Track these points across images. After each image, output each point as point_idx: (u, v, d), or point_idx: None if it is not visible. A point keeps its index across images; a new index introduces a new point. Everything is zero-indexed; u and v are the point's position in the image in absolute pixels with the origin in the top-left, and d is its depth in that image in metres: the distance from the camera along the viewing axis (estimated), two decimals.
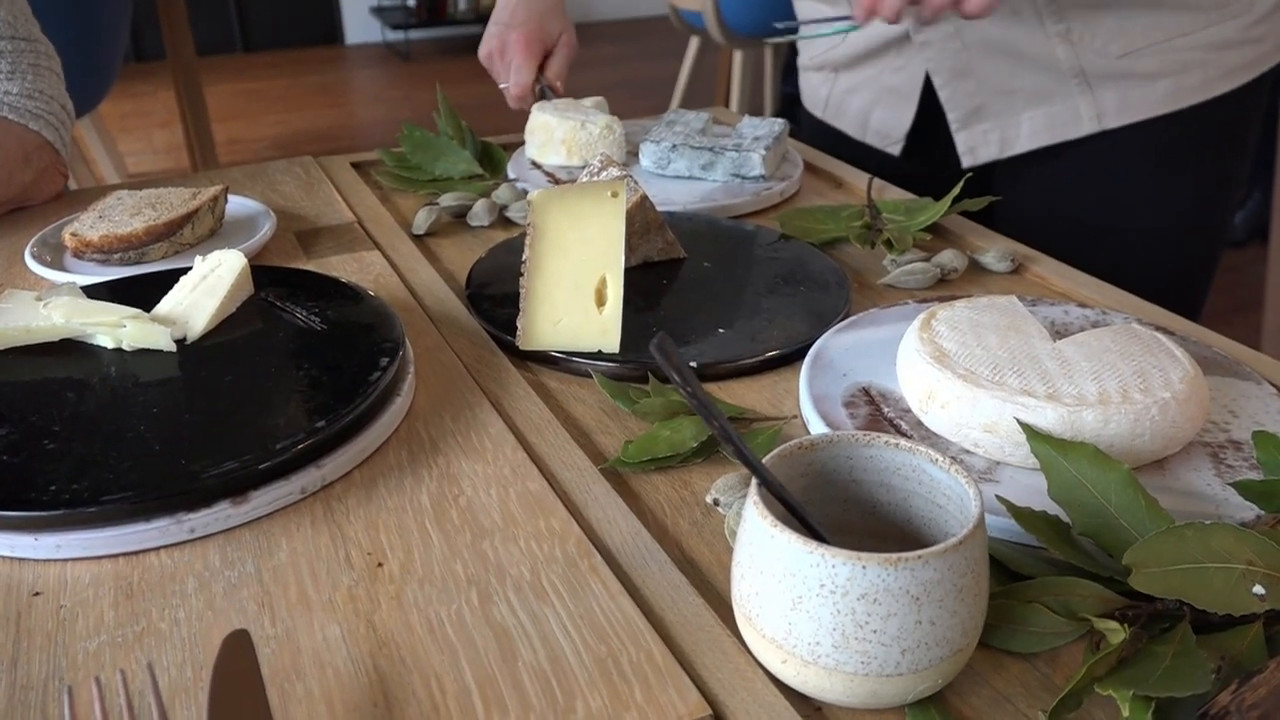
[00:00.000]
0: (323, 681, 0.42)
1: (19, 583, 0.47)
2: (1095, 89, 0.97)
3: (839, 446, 0.44)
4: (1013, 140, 1.00)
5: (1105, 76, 0.96)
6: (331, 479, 0.53)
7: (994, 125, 1.01)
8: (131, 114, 3.91)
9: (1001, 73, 0.99)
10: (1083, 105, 0.97)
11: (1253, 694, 0.36)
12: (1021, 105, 0.99)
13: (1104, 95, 0.97)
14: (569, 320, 0.65)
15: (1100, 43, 0.95)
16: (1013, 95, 1.00)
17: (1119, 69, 0.96)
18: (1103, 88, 0.97)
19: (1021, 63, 0.98)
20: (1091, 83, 0.97)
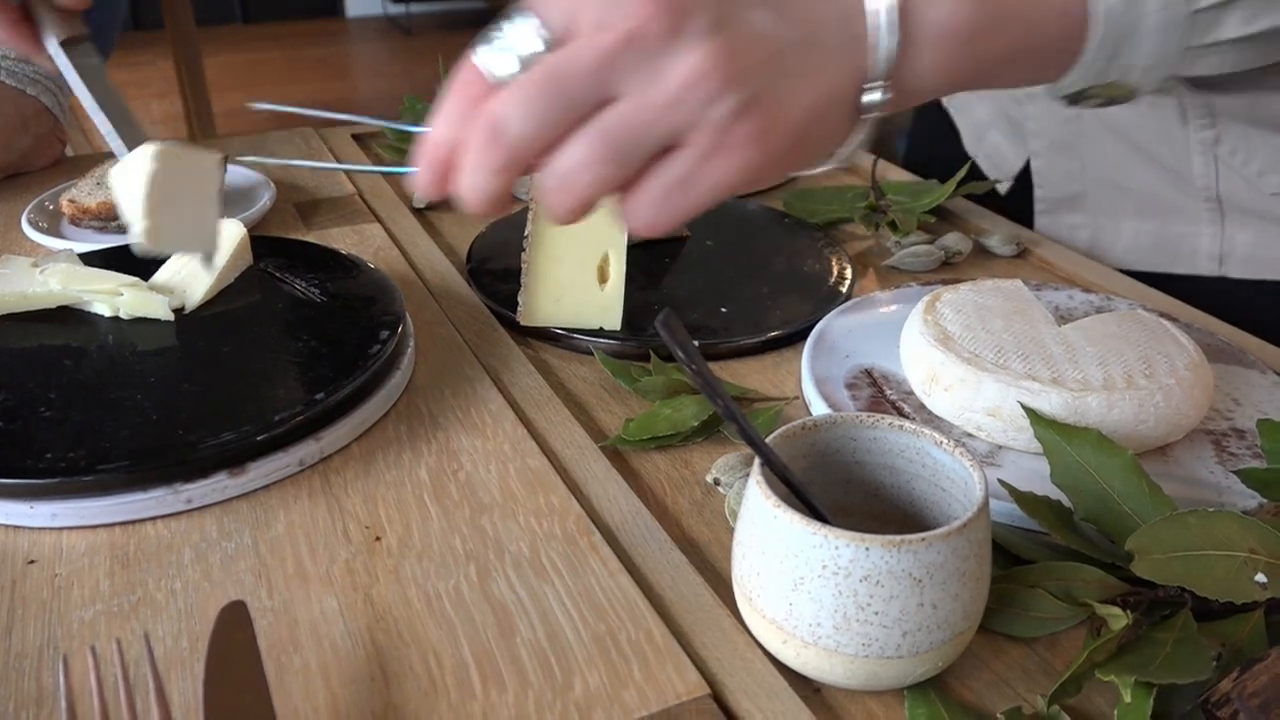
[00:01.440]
0: (320, 654, 0.41)
1: (14, 551, 0.47)
2: (1228, 222, 0.75)
3: (842, 427, 0.44)
4: (1106, 248, 0.82)
5: (1247, 212, 0.74)
6: (330, 452, 0.53)
7: (1087, 222, 0.83)
8: (129, 84, 3.89)
9: (1115, 162, 0.79)
10: (1206, 237, 0.77)
11: (1254, 682, 0.36)
12: (1129, 210, 0.80)
13: (1237, 234, 0.76)
14: (571, 297, 0.65)
15: (1256, 168, 0.72)
16: (1121, 195, 0.80)
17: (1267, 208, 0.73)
18: (1239, 224, 0.75)
19: (1144, 160, 0.78)
20: (1226, 213, 0.75)
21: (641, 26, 0.35)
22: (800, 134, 0.38)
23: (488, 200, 0.39)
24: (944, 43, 0.39)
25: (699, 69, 0.35)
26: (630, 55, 0.36)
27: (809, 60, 0.37)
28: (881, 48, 0.38)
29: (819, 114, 0.38)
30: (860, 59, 0.38)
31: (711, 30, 0.35)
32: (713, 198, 0.38)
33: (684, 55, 0.35)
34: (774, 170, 0.39)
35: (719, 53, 0.35)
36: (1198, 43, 0.40)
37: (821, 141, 0.39)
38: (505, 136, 0.36)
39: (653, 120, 0.36)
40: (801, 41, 0.37)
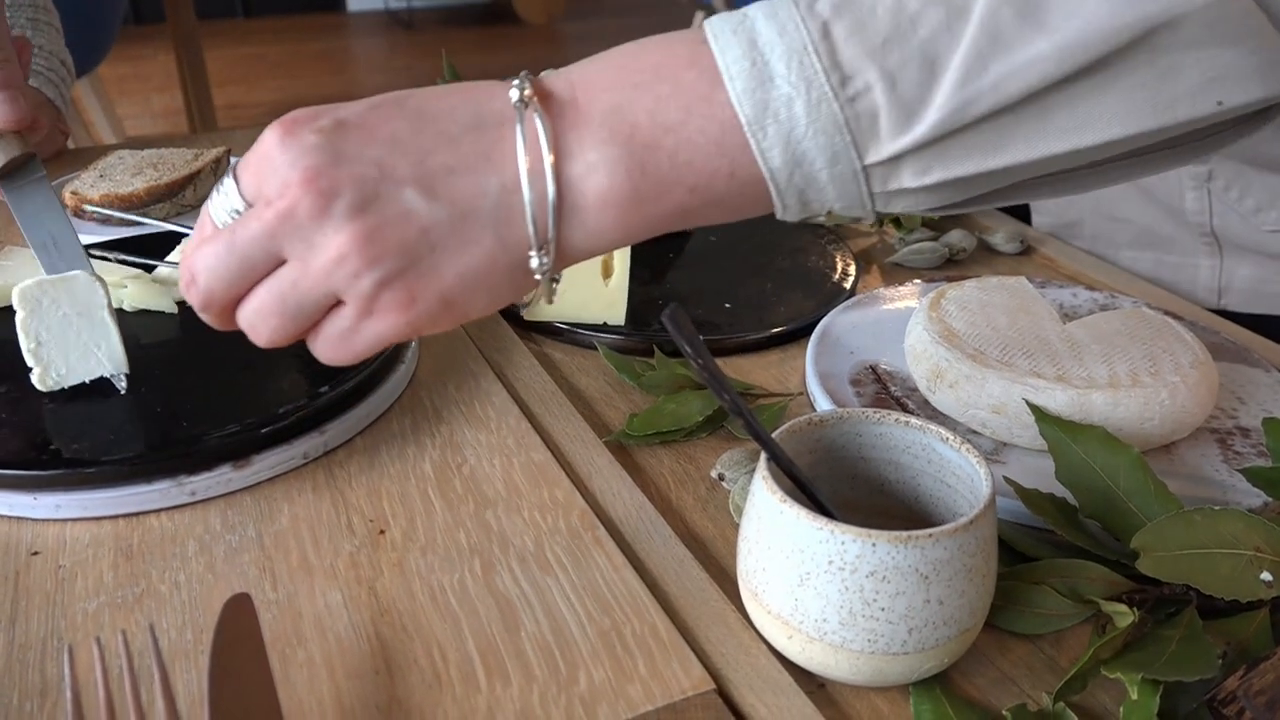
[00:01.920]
0: (324, 647, 0.41)
1: (17, 542, 0.47)
2: (1227, 257, 0.74)
3: (848, 423, 0.44)
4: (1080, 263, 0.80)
5: (1245, 248, 0.73)
6: (334, 445, 0.53)
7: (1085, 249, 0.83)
8: (130, 77, 3.88)
9: (1109, 193, 0.78)
10: (1205, 270, 0.76)
11: (1260, 680, 0.36)
12: (1125, 240, 0.79)
13: (1236, 269, 0.74)
14: (574, 291, 0.64)
15: (1252, 204, 0.71)
16: (1117, 225, 0.79)
17: (1265, 245, 0.72)
18: (1238, 259, 0.74)
19: (1138, 192, 0.77)
20: (1224, 248, 0.74)
21: (293, 205, 0.38)
22: (455, 297, 0.40)
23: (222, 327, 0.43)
24: (606, 211, 0.39)
25: (341, 250, 0.39)
26: (289, 229, 0.39)
27: (459, 234, 0.39)
28: (535, 222, 0.39)
29: (474, 280, 0.40)
30: (519, 230, 0.39)
31: (355, 212, 0.38)
32: (376, 347, 0.42)
33: (331, 235, 0.39)
34: (434, 327, 0.41)
35: (359, 235, 0.38)
36: (882, 190, 0.39)
37: (491, 297, 0.41)
38: (196, 287, 0.42)
39: (309, 287, 0.40)
40: (451, 218, 0.39)
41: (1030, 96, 0.36)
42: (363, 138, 0.39)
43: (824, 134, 0.37)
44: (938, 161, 0.37)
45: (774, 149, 0.37)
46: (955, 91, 0.36)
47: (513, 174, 0.39)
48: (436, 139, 0.39)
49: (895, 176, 0.38)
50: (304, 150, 0.39)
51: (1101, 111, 0.36)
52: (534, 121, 0.39)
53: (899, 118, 0.37)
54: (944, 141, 0.37)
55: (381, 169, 0.39)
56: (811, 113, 0.37)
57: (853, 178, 0.38)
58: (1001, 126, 0.37)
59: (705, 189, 0.39)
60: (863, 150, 0.37)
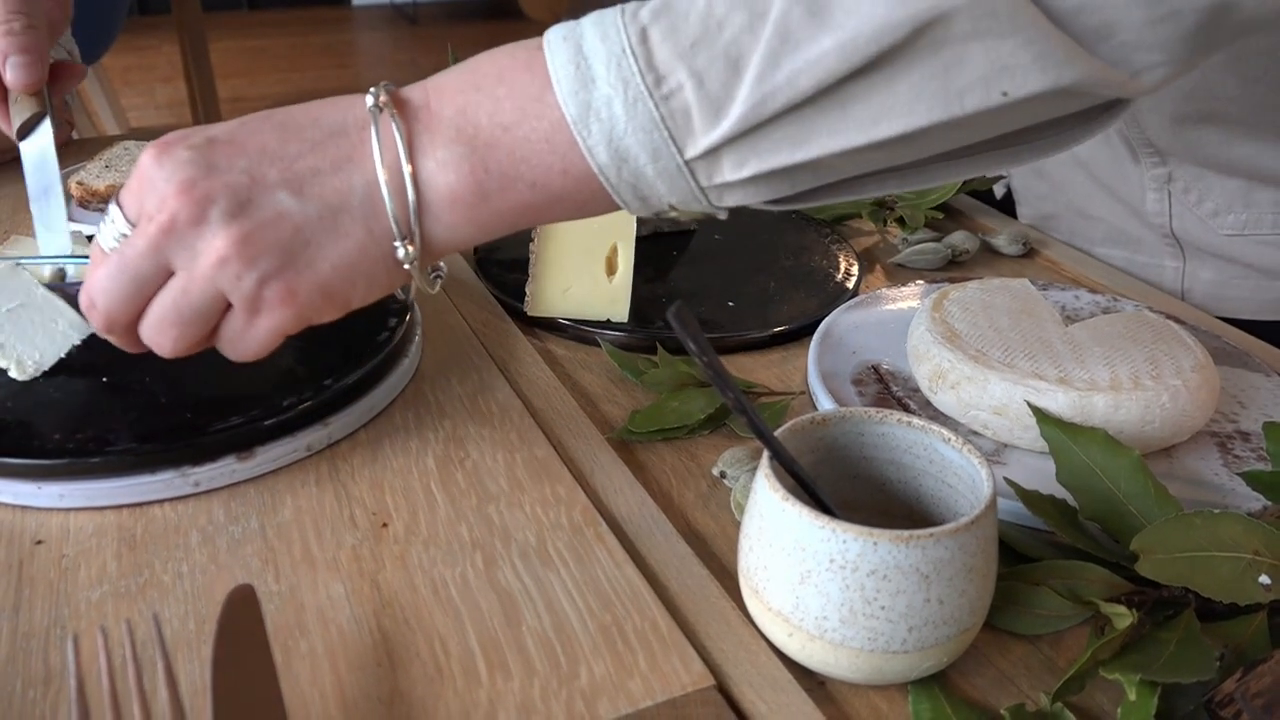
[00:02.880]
0: (326, 639, 0.42)
1: (21, 531, 0.47)
2: (1189, 259, 0.76)
3: (851, 423, 0.44)
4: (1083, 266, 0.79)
5: (1205, 251, 0.75)
6: (337, 438, 0.53)
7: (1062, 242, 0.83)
8: (134, 67, 3.88)
9: (1080, 191, 0.81)
10: (1169, 271, 0.77)
11: (1258, 682, 0.36)
12: (1098, 238, 0.81)
13: (1199, 271, 0.76)
14: (578, 288, 0.65)
15: (1210, 207, 0.73)
16: (1089, 223, 0.81)
17: (1223, 248, 0.74)
18: (1199, 262, 0.76)
19: (1104, 192, 0.79)
20: (1185, 251, 0.75)
21: (173, 217, 0.42)
22: (333, 288, 0.44)
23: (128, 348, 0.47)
24: (455, 206, 0.43)
25: (221, 253, 0.42)
26: (171, 240, 0.42)
27: (331, 230, 0.43)
28: (395, 215, 0.42)
29: (349, 271, 0.43)
30: (384, 223, 0.43)
31: (230, 217, 0.42)
32: (272, 341, 0.45)
33: (210, 240, 0.42)
34: (320, 316, 0.45)
35: (236, 237, 0.42)
36: (709, 184, 0.41)
37: (369, 286, 0.45)
38: (96, 311, 0.45)
39: (199, 292, 0.43)
40: (322, 215, 0.42)
41: (824, 91, 0.38)
42: (232, 151, 0.43)
43: (643, 131, 0.40)
44: (751, 154, 0.40)
45: (599, 146, 0.40)
46: (755, 87, 0.38)
47: (373, 172, 0.42)
48: (301, 146, 0.43)
49: (717, 170, 0.41)
50: (178, 165, 0.42)
51: (894, 104, 0.38)
52: (389, 124, 0.42)
53: (708, 113, 0.39)
54: (752, 135, 0.40)
55: (252, 176, 0.42)
56: (629, 111, 0.39)
57: (677, 172, 0.41)
58: (803, 120, 0.39)
59: (544, 185, 0.42)
60: (681, 145, 0.40)
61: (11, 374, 0.53)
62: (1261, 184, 0.71)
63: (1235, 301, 0.75)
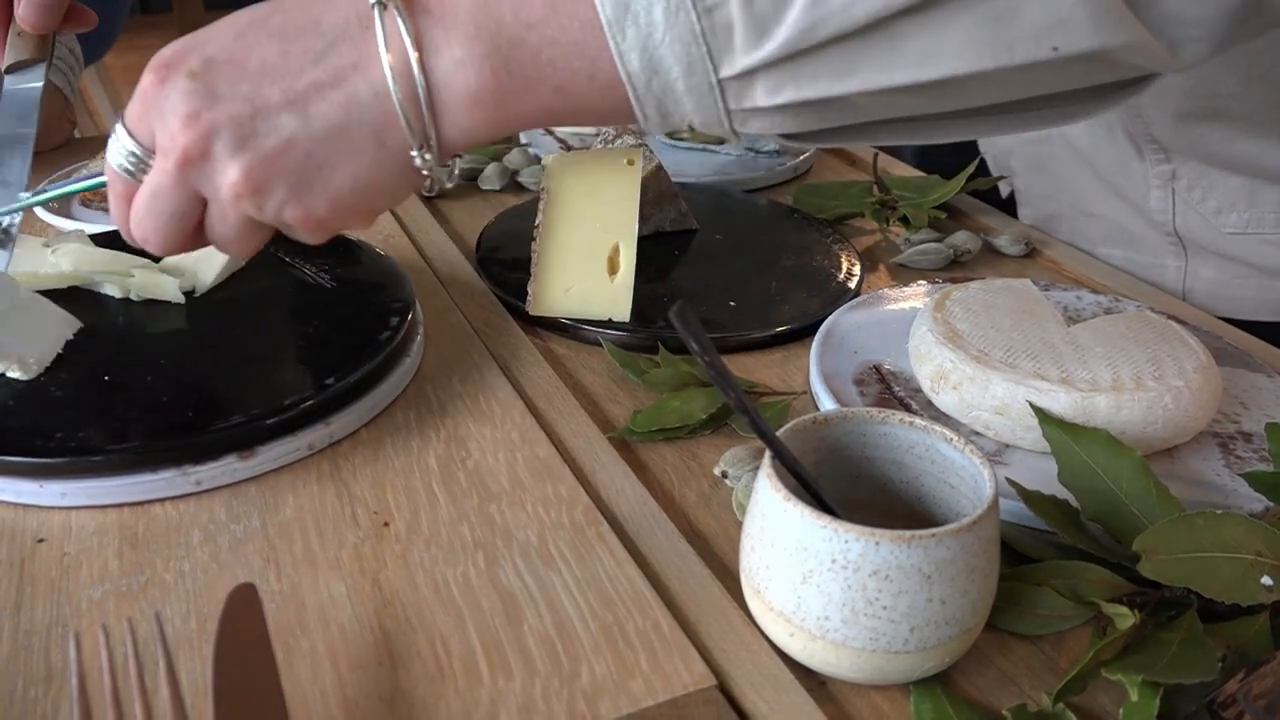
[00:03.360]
0: (327, 638, 0.41)
1: (23, 529, 0.47)
2: (1191, 257, 0.75)
3: (853, 423, 0.44)
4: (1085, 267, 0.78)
5: (1207, 249, 0.75)
6: (339, 437, 0.53)
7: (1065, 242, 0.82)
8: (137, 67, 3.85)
9: (1084, 189, 0.80)
10: (1171, 270, 0.77)
11: (1260, 684, 0.36)
12: (1099, 236, 0.81)
13: (1200, 270, 0.76)
14: (580, 287, 0.65)
15: (1213, 205, 0.72)
16: (1091, 221, 0.81)
17: (1225, 247, 0.73)
18: (1201, 260, 0.75)
19: (1107, 189, 0.79)
20: (1188, 249, 0.75)
21: (184, 153, 0.41)
22: (353, 201, 0.43)
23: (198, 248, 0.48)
24: (473, 108, 0.41)
25: (235, 188, 0.42)
26: (190, 173, 0.42)
27: (342, 148, 0.41)
28: (409, 121, 0.41)
29: (365, 183, 0.43)
30: (398, 132, 0.41)
31: (236, 149, 0.41)
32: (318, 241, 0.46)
33: (221, 174, 0.42)
34: (347, 226, 0.46)
35: (245, 170, 0.41)
36: (737, 107, 0.40)
37: (391, 197, 0.45)
38: (152, 244, 0.46)
39: (234, 219, 0.44)
40: (330, 135, 0.41)
41: (877, 23, 0.37)
42: (232, 73, 0.41)
43: (680, 42, 0.38)
44: (790, 80, 0.39)
45: (632, 52, 0.39)
46: (806, 10, 0.37)
47: (382, 78, 0.40)
48: (303, 58, 0.41)
49: (749, 93, 0.39)
50: (181, 96, 0.41)
51: (945, 46, 0.37)
52: (395, 20, 0.40)
53: (752, 33, 0.38)
54: (795, 60, 0.38)
55: (254, 102, 0.41)
56: (670, 19, 0.38)
57: (708, 90, 0.39)
58: (850, 51, 0.38)
59: (569, 90, 0.41)
60: (718, 62, 0.39)
61: (13, 374, 0.53)
62: (1265, 182, 0.71)
63: (1237, 301, 0.75)
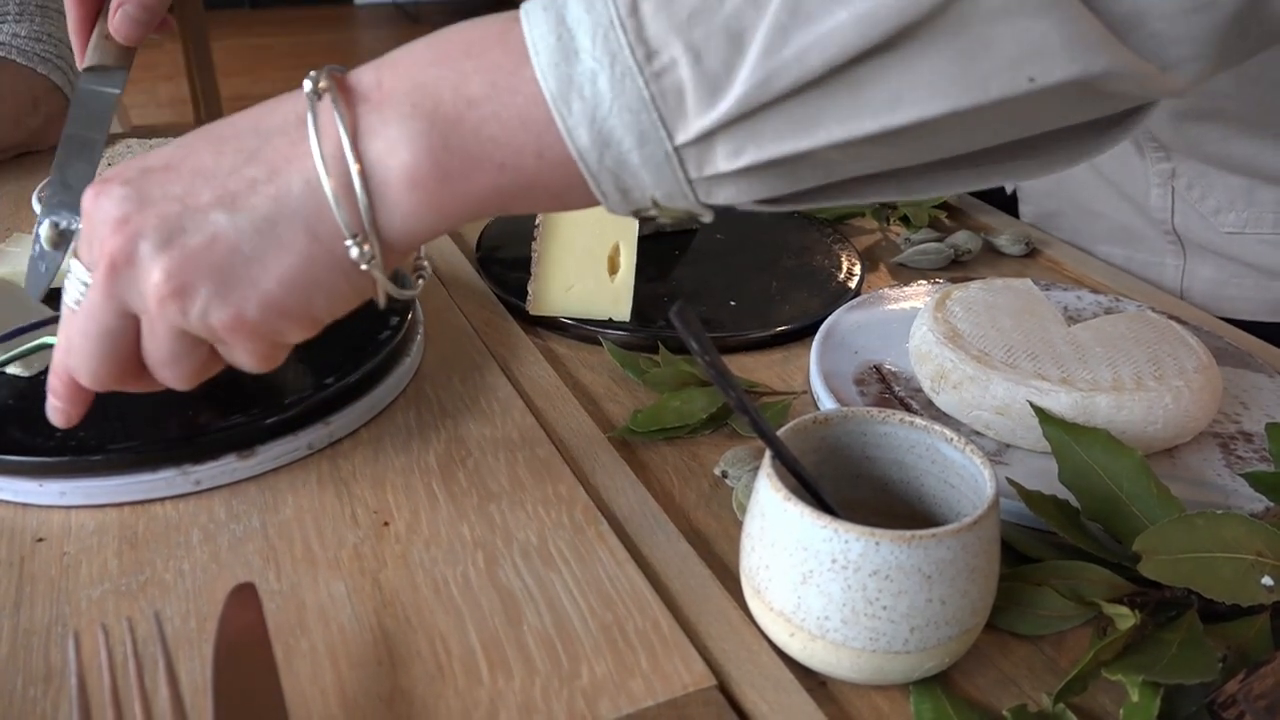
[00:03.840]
0: (327, 638, 0.41)
1: (22, 528, 0.47)
2: (1190, 256, 0.76)
3: (853, 422, 0.44)
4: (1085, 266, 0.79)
5: (1206, 248, 0.75)
6: (339, 436, 0.53)
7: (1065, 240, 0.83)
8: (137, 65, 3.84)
9: (1085, 186, 0.80)
10: (1170, 269, 0.77)
11: (1260, 684, 0.36)
12: (1100, 235, 0.81)
13: (1198, 269, 0.76)
14: (580, 287, 0.65)
15: (1212, 204, 0.73)
16: (1093, 219, 0.81)
17: (1223, 246, 0.74)
18: (1200, 259, 0.76)
19: (1108, 187, 0.79)
20: (1186, 247, 0.75)
21: (110, 259, 0.39)
22: (284, 304, 0.40)
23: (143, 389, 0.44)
24: (411, 190, 0.38)
25: (159, 290, 0.39)
26: (118, 284, 0.39)
27: (269, 240, 0.39)
28: (340, 207, 0.38)
29: (297, 282, 0.39)
30: (329, 221, 0.38)
31: (158, 250, 0.39)
32: (266, 363, 0.42)
33: (146, 277, 0.39)
34: (285, 338, 0.42)
35: (168, 269, 0.38)
36: (699, 175, 0.37)
37: (329, 299, 0.40)
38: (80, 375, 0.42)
39: (163, 333, 0.41)
40: (257, 227, 0.38)
41: (837, 70, 0.35)
42: (166, 178, 0.39)
43: (630, 111, 0.36)
44: (750, 140, 0.36)
45: (580, 126, 0.36)
46: (759, 64, 0.35)
47: (313, 166, 0.38)
48: (237, 156, 0.39)
49: (709, 159, 0.37)
50: (113, 203, 0.39)
51: (912, 87, 0.35)
52: (329, 109, 0.38)
53: (704, 93, 0.35)
54: (752, 118, 0.36)
55: (184, 201, 0.39)
56: (616, 87, 0.36)
57: (665, 161, 0.37)
58: (811, 102, 0.35)
59: (516, 167, 0.38)
60: (672, 129, 0.36)
61: (13, 371, 0.53)
62: (1263, 182, 0.71)
63: (1235, 301, 0.75)
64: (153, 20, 0.59)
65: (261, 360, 0.42)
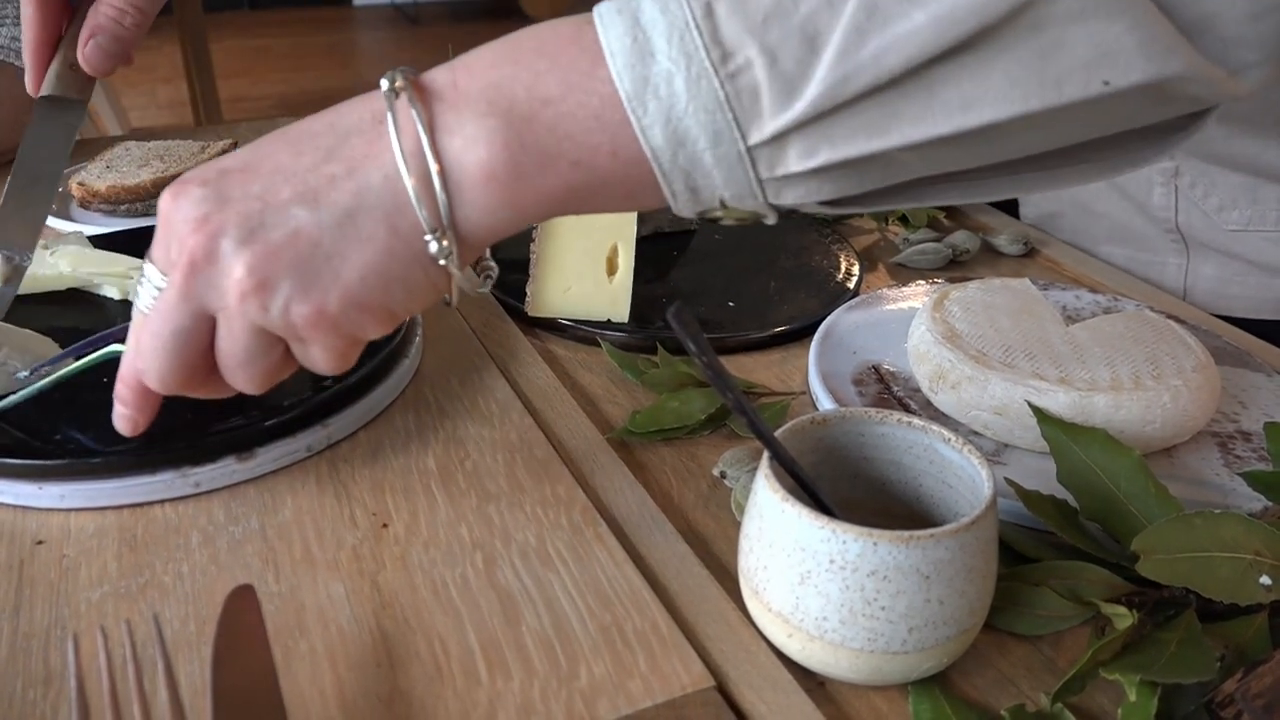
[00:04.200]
0: (326, 639, 0.42)
1: (22, 531, 0.47)
2: (1193, 255, 0.76)
3: (851, 423, 0.44)
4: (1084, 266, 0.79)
5: (1209, 247, 0.75)
6: (338, 438, 0.53)
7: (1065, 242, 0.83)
8: (136, 68, 3.86)
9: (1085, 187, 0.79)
10: (1171, 268, 0.78)
11: (1258, 683, 0.36)
12: (1102, 235, 0.81)
13: (1201, 267, 0.76)
14: (579, 288, 0.65)
15: (1215, 203, 0.73)
16: (1094, 220, 0.81)
17: (1226, 244, 0.74)
18: (1202, 258, 0.76)
19: (1111, 186, 0.79)
20: (1189, 245, 0.76)
21: (191, 257, 0.39)
22: (365, 298, 0.40)
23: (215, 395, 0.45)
24: (488, 185, 0.39)
25: (241, 286, 0.39)
26: (197, 283, 0.40)
27: (350, 235, 0.39)
28: (421, 203, 0.39)
29: (377, 277, 0.40)
30: (410, 216, 0.39)
31: (241, 244, 0.39)
32: (337, 367, 0.42)
33: (228, 274, 0.39)
34: (364, 334, 0.42)
35: (250, 264, 0.39)
36: (770, 175, 0.38)
37: (407, 293, 0.41)
38: (151, 379, 0.42)
39: (240, 332, 0.41)
40: (339, 221, 0.39)
41: (912, 71, 0.35)
42: (245, 178, 0.40)
43: (705, 111, 0.37)
44: (824, 141, 0.37)
45: (655, 126, 0.37)
46: (835, 65, 0.35)
47: (393, 162, 0.39)
48: (315, 155, 0.40)
49: (782, 159, 0.37)
50: (192, 203, 0.40)
51: (987, 89, 0.35)
52: (407, 107, 0.39)
53: (780, 94, 0.36)
54: (828, 119, 0.36)
55: (264, 199, 0.39)
56: (691, 88, 0.36)
57: (738, 160, 0.37)
58: (886, 104, 0.36)
59: (589, 165, 0.39)
60: (746, 129, 0.37)
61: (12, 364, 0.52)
62: (1266, 180, 0.71)
63: (1238, 300, 0.75)
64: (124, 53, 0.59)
65: (338, 358, 0.42)
